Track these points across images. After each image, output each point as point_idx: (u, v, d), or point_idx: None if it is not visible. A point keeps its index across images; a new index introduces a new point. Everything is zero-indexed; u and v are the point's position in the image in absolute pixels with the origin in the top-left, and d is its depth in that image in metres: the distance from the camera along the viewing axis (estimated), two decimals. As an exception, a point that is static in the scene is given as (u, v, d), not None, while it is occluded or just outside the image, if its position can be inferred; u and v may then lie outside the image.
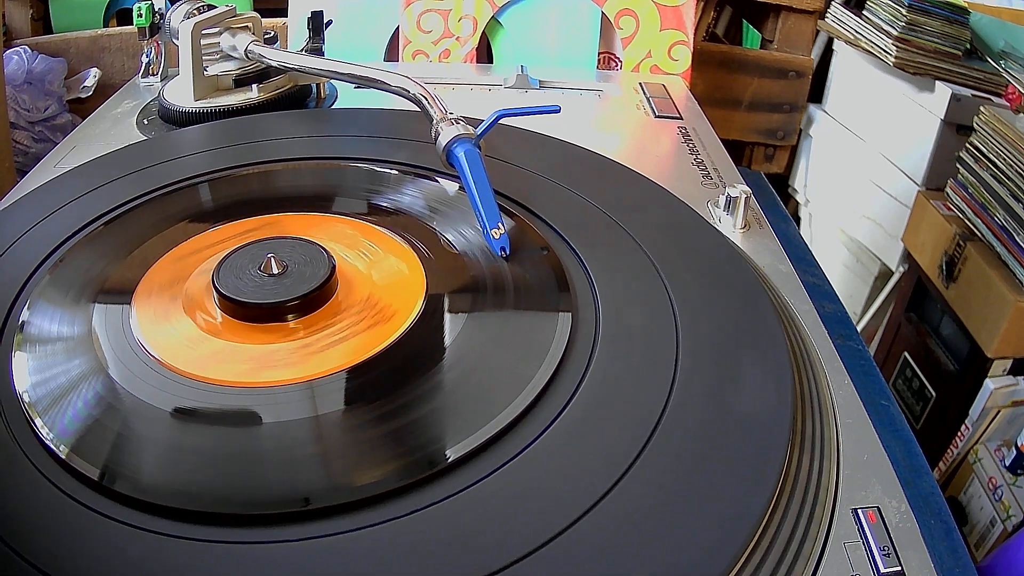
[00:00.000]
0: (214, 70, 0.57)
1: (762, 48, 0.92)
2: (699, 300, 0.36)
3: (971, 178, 0.84)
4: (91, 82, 0.86)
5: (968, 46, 0.97)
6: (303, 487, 0.27)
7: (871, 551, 0.27)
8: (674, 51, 0.71)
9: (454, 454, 0.28)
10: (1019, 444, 0.75)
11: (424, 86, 0.47)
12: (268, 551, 0.25)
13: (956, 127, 0.95)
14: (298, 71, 0.56)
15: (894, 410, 0.50)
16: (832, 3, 1.08)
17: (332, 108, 0.60)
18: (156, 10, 0.60)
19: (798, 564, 0.26)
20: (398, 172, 0.46)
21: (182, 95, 0.56)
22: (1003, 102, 0.85)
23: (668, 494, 0.27)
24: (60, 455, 0.28)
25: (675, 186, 0.46)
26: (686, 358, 0.33)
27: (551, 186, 0.45)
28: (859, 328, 0.97)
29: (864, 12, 1.03)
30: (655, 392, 0.31)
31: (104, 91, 0.83)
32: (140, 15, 0.60)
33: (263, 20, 0.59)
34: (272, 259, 0.36)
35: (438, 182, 0.45)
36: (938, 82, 0.96)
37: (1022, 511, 0.73)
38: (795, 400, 0.31)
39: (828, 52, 1.19)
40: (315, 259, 0.36)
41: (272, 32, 0.60)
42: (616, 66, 0.73)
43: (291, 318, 0.35)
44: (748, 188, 0.46)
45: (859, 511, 0.28)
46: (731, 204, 0.45)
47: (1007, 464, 0.76)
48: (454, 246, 0.40)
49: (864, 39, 1.03)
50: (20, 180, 0.49)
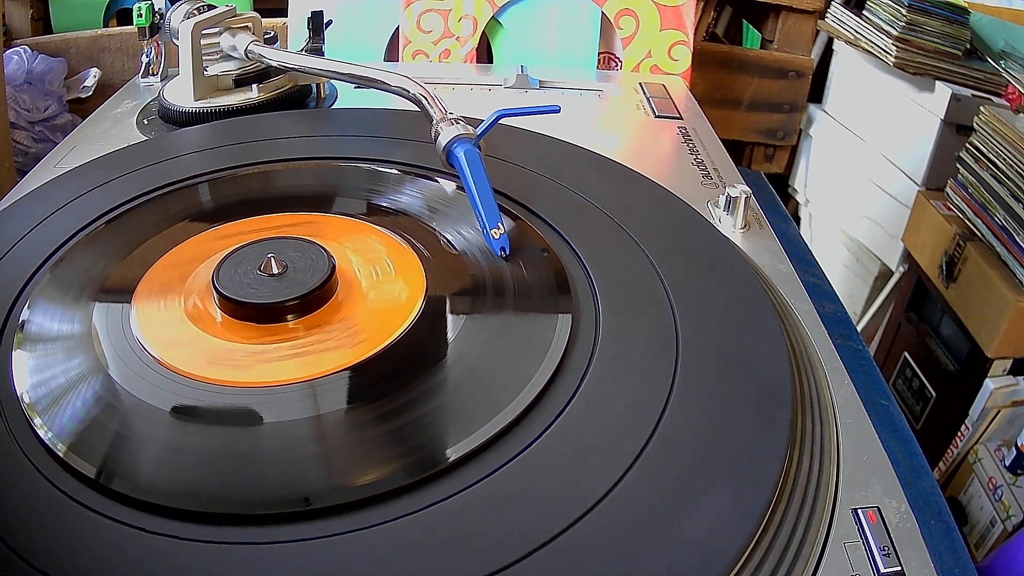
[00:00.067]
0: (214, 70, 0.57)
1: (762, 48, 0.92)
2: (699, 300, 0.36)
3: (971, 178, 0.84)
4: (91, 82, 0.86)
5: (968, 46, 0.97)
6: (302, 487, 0.27)
7: (871, 551, 0.27)
8: (674, 51, 0.71)
9: (454, 454, 0.28)
10: (1019, 444, 0.75)
11: (424, 86, 0.47)
12: (268, 551, 0.25)
13: (956, 127, 0.95)
14: (298, 71, 0.56)
15: (894, 410, 0.50)
16: (832, 3, 1.08)
17: (332, 108, 0.60)
18: (156, 10, 0.60)
19: (798, 564, 0.26)
20: (398, 172, 0.46)
21: (182, 95, 0.56)
22: (1003, 102, 0.85)
23: (668, 494, 0.27)
24: (59, 454, 0.28)
25: (675, 186, 0.46)
26: (686, 358, 0.33)
27: (551, 186, 0.45)
28: (859, 328, 0.97)
29: (864, 12, 1.03)
30: (655, 392, 0.31)
31: (104, 91, 0.83)
32: (140, 15, 0.60)
33: (263, 20, 0.59)
34: (272, 259, 0.36)
35: (438, 182, 0.45)
36: (938, 82, 0.96)
37: (1022, 511, 0.73)
38: (795, 400, 0.31)
39: (828, 52, 1.19)
40: (315, 259, 0.36)
41: (272, 32, 0.60)
42: (616, 66, 0.73)
43: (291, 318, 0.35)
44: (748, 188, 0.46)
45: (859, 511, 0.28)
46: (731, 204, 0.45)
47: (1007, 464, 0.76)
48: (454, 246, 0.40)
49: (864, 39, 1.03)
50: (20, 180, 0.49)
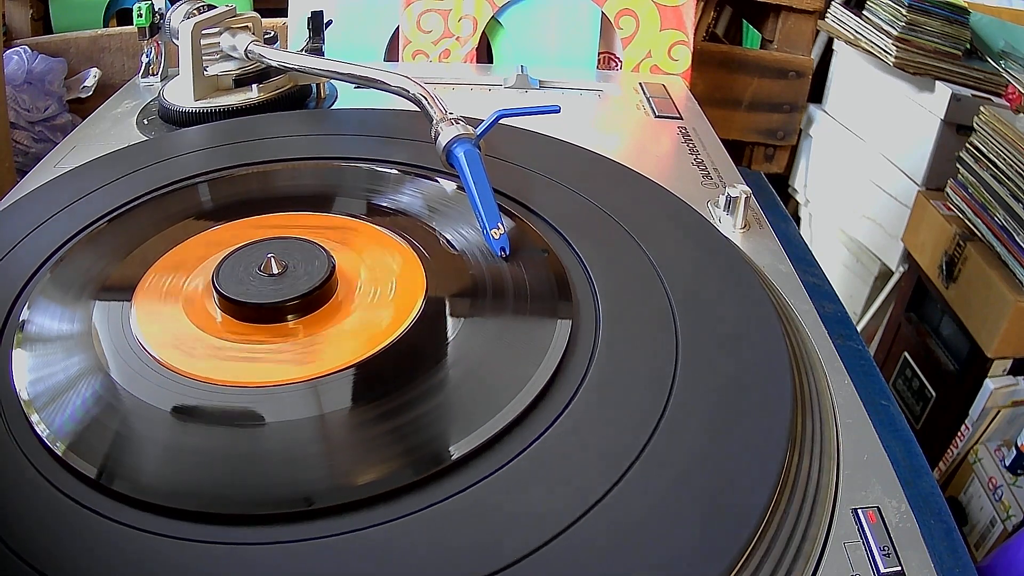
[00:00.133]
0: (214, 70, 0.57)
1: (762, 48, 0.92)
2: (699, 300, 0.36)
3: (971, 178, 0.84)
4: (91, 82, 0.86)
5: (968, 46, 0.97)
6: (302, 487, 0.27)
7: (871, 551, 0.27)
8: (674, 51, 0.71)
9: (454, 454, 0.28)
10: (1019, 444, 0.75)
11: (424, 86, 0.47)
12: (268, 551, 0.25)
13: (956, 127, 0.95)
14: (298, 71, 0.56)
15: (894, 410, 0.50)
16: (832, 3, 1.08)
17: (332, 108, 0.60)
18: (156, 10, 0.60)
19: (798, 564, 0.26)
20: (398, 172, 0.46)
21: (182, 95, 0.56)
22: (1003, 102, 0.85)
23: (668, 494, 0.27)
24: (58, 454, 0.28)
25: (675, 186, 0.46)
26: (685, 358, 0.33)
27: (551, 186, 0.45)
28: (859, 328, 0.97)
29: (864, 12, 1.03)
30: (655, 392, 0.31)
31: (104, 91, 0.83)
32: (140, 15, 0.60)
33: (263, 20, 0.59)
34: (272, 259, 0.36)
35: (438, 182, 0.45)
36: (938, 82, 0.96)
37: (1022, 511, 0.73)
38: (795, 400, 0.31)
39: (828, 52, 1.19)
40: (315, 259, 0.36)
41: (272, 32, 0.60)
42: (616, 66, 0.73)
43: (291, 318, 0.35)
44: (748, 188, 0.46)
45: (859, 511, 0.28)
46: (731, 204, 0.45)
47: (1007, 464, 0.76)
48: (454, 246, 0.40)
49: (864, 39, 1.03)
50: (20, 180, 0.49)
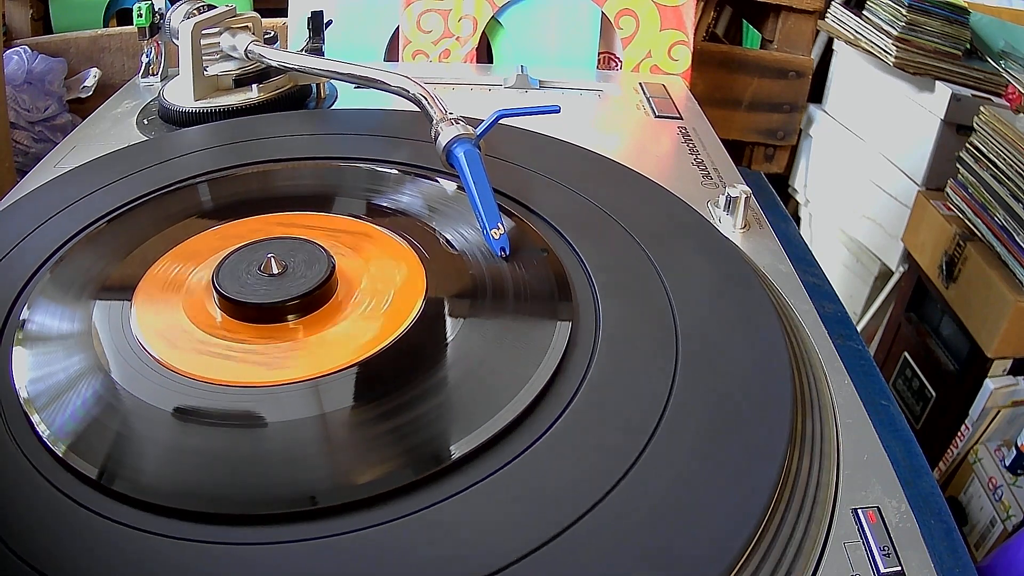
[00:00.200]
0: (214, 70, 0.57)
1: (762, 48, 0.92)
2: (699, 299, 0.36)
3: (971, 178, 0.84)
4: (91, 82, 0.86)
5: (968, 46, 0.97)
6: (302, 487, 0.27)
7: (871, 551, 0.27)
8: (674, 51, 0.71)
9: (454, 454, 0.28)
10: (1019, 444, 0.75)
11: (424, 86, 0.47)
12: (268, 551, 0.25)
13: (956, 127, 0.95)
14: (298, 71, 0.56)
15: (894, 410, 0.50)
16: (832, 3, 1.08)
17: (332, 108, 0.60)
18: (156, 10, 0.60)
19: (798, 564, 0.26)
20: (398, 172, 0.46)
21: (182, 95, 0.56)
22: (1003, 102, 0.85)
23: (668, 494, 0.27)
24: (58, 454, 0.28)
25: (675, 186, 0.46)
26: (686, 358, 0.33)
27: (551, 186, 0.45)
28: (859, 328, 0.97)
29: (864, 12, 1.03)
30: (655, 392, 0.31)
31: (104, 91, 0.83)
32: (140, 15, 0.60)
33: (263, 20, 0.59)
34: (272, 259, 0.36)
35: (438, 182, 0.45)
36: (938, 82, 0.96)
37: (1022, 511, 0.73)
38: (795, 400, 0.31)
39: (828, 52, 1.19)
40: (315, 259, 0.36)
41: (272, 32, 0.60)
42: (616, 66, 0.73)
43: (291, 318, 0.35)
44: (748, 188, 0.46)
45: (859, 511, 0.28)
46: (731, 204, 0.45)
47: (1007, 464, 0.76)
48: (454, 246, 0.40)
49: (864, 39, 1.03)
50: (20, 180, 0.49)
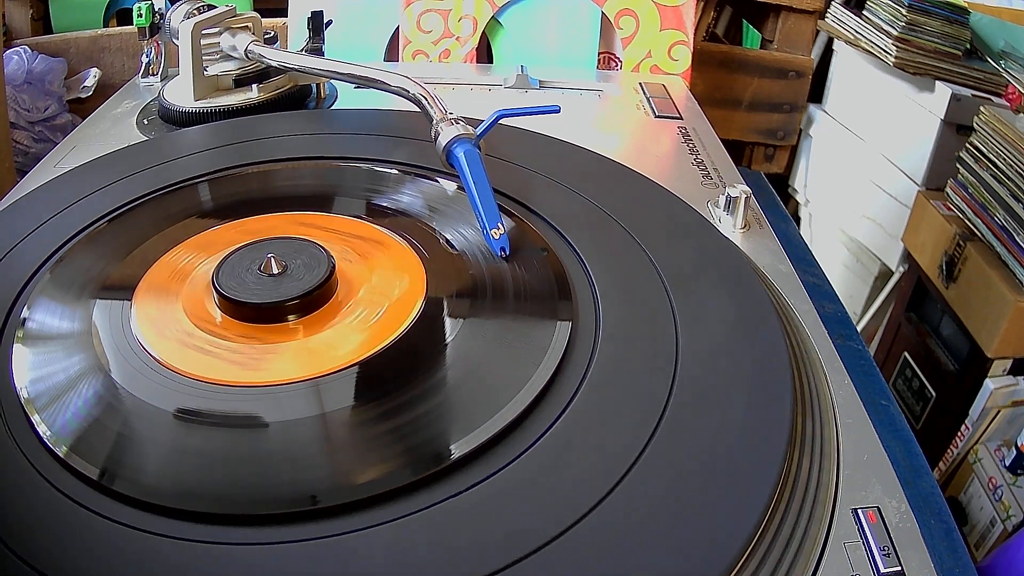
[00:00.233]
0: (214, 70, 0.57)
1: (762, 48, 0.92)
2: (699, 299, 0.36)
3: (971, 178, 0.84)
4: (91, 82, 0.86)
5: (968, 46, 0.97)
6: (302, 487, 0.27)
7: (871, 551, 0.27)
8: (674, 51, 0.71)
9: (454, 454, 0.28)
10: (1019, 444, 0.75)
11: (424, 86, 0.47)
12: (268, 552, 0.25)
13: (956, 127, 0.95)
14: (298, 71, 0.56)
15: (894, 410, 0.50)
16: (832, 3, 1.08)
17: (332, 108, 0.60)
18: (156, 10, 0.60)
19: (798, 564, 0.26)
20: (398, 172, 0.46)
21: (182, 95, 0.56)
22: (1003, 102, 0.85)
23: (668, 494, 0.27)
24: (58, 454, 0.28)
25: (675, 186, 0.46)
26: (686, 358, 0.33)
27: (551, 186, 0.45)
28: (859, 328, 0.97)
29: (864, 12, 1.03)
30: (655, 392, 0.31)
31: (104, 91, 0.83)
32: (140, 15, 0.60)
33: (263, 20, 0.59)
34: (272, 259, 0.36)
35: (438, 182, 0.45)
36: (938, 82, 0.96)
37: (1022, 511, 0.73)
38: (795, 400, 0.31)
39: (828, 52, 1.19)
40: (315, 259, 0.36)
41: (272, 32, 0.60)
42: (616, 66, 0.73)
43: (291, 318, 0.35)
44: (748, 188, 0.46)
45: (859, 511, 0.28)
46: (731, 204, 0.45)
47: (1007, 464, 0.76)
48: (454, 246, 0.40)
49: (864, 39, 1.03)
50: (20, 180, 0.49)
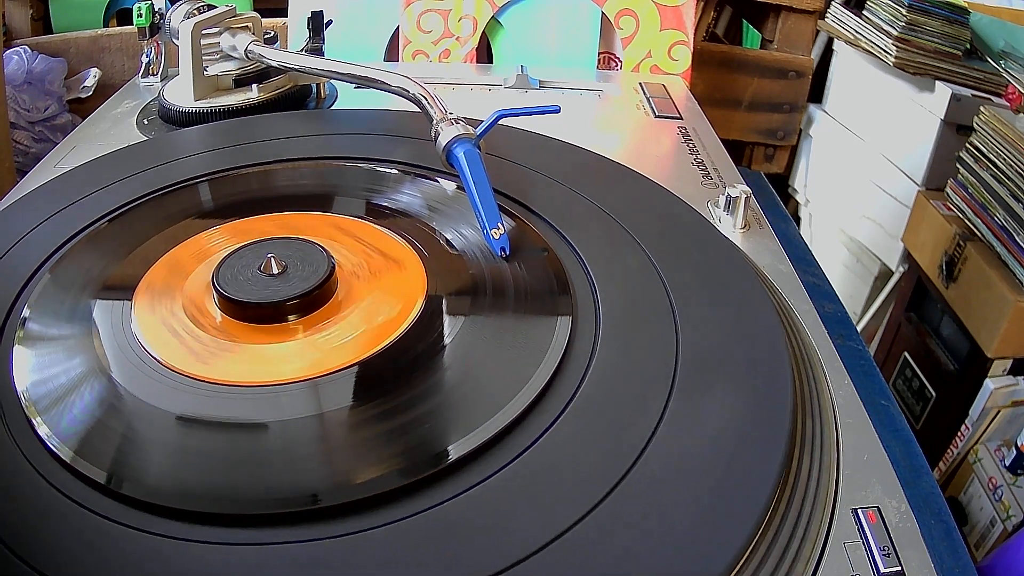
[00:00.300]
0: (214, 70, 0.57)
1: (762, 48, 0.92)
2: (699, 300, 0.36)
3: (971, 178, 0.84)
4: (91, 82, 0.86)
5: (968, 46, 0.97)
6: (302, 487, 0.27)
7: (871, 551, 0.27)
8: (674, 51, 0.71)
9: (455, 454, 0.28)
10: (1019, 444, 0.75)
11: (424, 86, 0.47)
12: (268, 553, 0.25)
13: (956, 127, 0.95)
14: (298, 71, 0.56)
15: (894, 410, 0.50)
16: (832, 3, 1.08)
17: (332, 108, 0.60)
18: (156, 10, 0.60)
19: (798, 564, 0.26)
20: (398, 172, 0.46)
21: (182, 95, 0.56)
22: (1003, 102, 0.85)
23: (668, 494, 0.27)
24: (59, 455, 0.28)
25: (675, 186, 0.46)
26: (685, 358, 0.33)
27: (551, 186, 0.45)
28: (859, 328, 0.97)
29: (864, 12, 1.03)
30: (655, 392, 0.31)
31: (104, 91, 0.83)
32: (140, 15, 0.60)
33: (263, 20, 0.59)
34: (272, 259, 0.36)
35: (438, 182, 0.45)
36: (938, 82, 0.96)
37: (1022, 511, 0.73)
38: (795, 400, 0.31)
39: (828, 52, 1.19)
40: (315, 259, 0.36)
41: (272, 32, 0.60)
42: (616, 66, 0.73)
43: (291, 318, 0.35)
44: (748, 188, 0.46)
45: (859, 511, 0.28)
46: (731, 204, 0.45)
47: (1007, 464, 0.76)
48: (454, 246, 0.40)
49: (864, 39, 1.03)
50: (20, 180, 0.49)
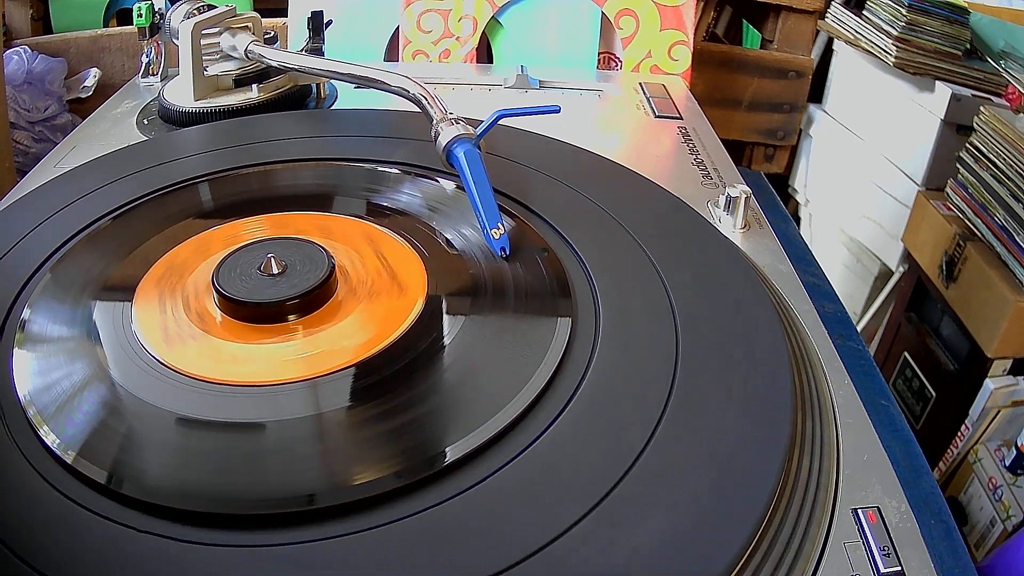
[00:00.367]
0: (214, 70, 0.57)
1: (762, 48, 0.92)
2: (699, 300, 0.36)
3: (971, 178, 0.84)
4: (91, 82, 0.86)
5: (968, 46, 0.97)
6: (303, 487, 0.27)
7: (871, 551, 0.27)
8: (674, 51, 0.71)
9: (453, 455, 0.28)
10: (1019, 444, 0.75)
11: (424, 86, 0.47)
12: (268, 553, 0.25)
13: (956, 127, 0.95)
14: (298, 71, 0.56)
15: (894, 410, 0.50)
16: (832, 3, 1.08)
17: (332, 108, 0.60)
18: (156, 10, 0.60)
19: (798, 564, 0.26)
20: (398, 172, 0.46)
21: (182, 95, 0.56)
22: (1003, 102, 0.85)
23: (668, 494, 0.27)
24: (60, 455, 0.28)
25: (675, 186, 0.46)
26: (685, 358, 0.33)
27: (551, 186, 0.45)
28: (859, 328, 0.97)
29: (864, 12, 1.03)
30: (655, 392, 0.31)
31: (104, 91, 0.83)
32: (140, 15, 0.60)
33: (263, 20, 0.59)
34: (272, 259, 0.36)
35: (438, 182, 0.45)
36: (938, 82, 0.96)
37: (1022, 511, 0.73)
38: (795, 400, 0.31)
39: (828, 52, 1.19)
40: (315, 259, 0.36)
41: (272, 32, 0.60)
42: (616, 66, 0.73)
43: (291, 318, 0.35)
44: (748, 188, 0.46)
45: (859, 511, 0.28)
46: (731, 204, 0.45)
47: (1007, 464, 0.76)
48: (454, 246, 0.40)
49: (864, 39, 1.03)
50: (20, 180, 0.49)
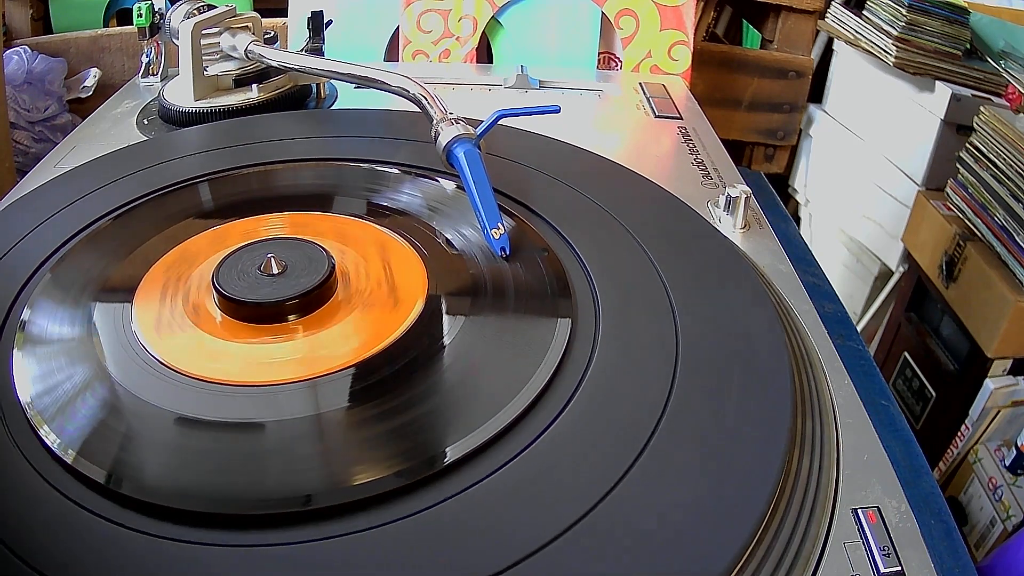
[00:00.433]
0: (214, 70, 0.57)
1: (762, 48, 0.92)
2: (699, 300, 0.36)
3: (971, 178, 0.84)
4: (91, 82, 0.86)
5: (968, 46, 0.97)
6: (302, 488, 0.27)
7: (871, 551, 0.27)
8: (674, 51, 0.71)
9: (453, 455, 0.28)
10: (1019, 444, 0.75)
11: (424, 86, 0.47)
12: (268, 553, 0.25)
13: (956, 127, 0.95)
14: (298, 71, 0.56)
15: (894, 410, 0.50)
16: (832, 3, 1.08)
17: (332, 108, 0.60)
18: (156, 10, 0.60)
19: (798, 564, 0.26)
20: (398, 172, 0.46)
21: (182, 95, 0.56)
22: (1003, 102, 0.85)
23: (668, 494, 0.27)
24: (60, 456, 0.28)
25: (675, 186, 0.46)
26: (686, 358, 0.33)
27: (551, 186, 0.45)
28: (859, 328, 0.97)
29: (864, 12, 1.03)
30: (655, 392, 0.31)
31: (104, 91, 0.83)
32: (140, 15, 0.60)
33: (263, 20, 0.59)
34: (272, 259, 0.36)
35: (438, 182, 0.45)
36: (938, 82, 0.96)
37: (1022, 511, 0.73)
38: (795, 400, 0.31)
39: (828, 52, 1.19)
40: (315, 259, 0.36)
41: (272, 32, 0.60)
42: (616, 66, 0.73)
43: (291, 317, 0.35)
44: (748, 188, 0.46)
45: (859, 511, 0.28)
46: (731, 204, 0.45)
47: (1007, 464, 0.76)
48: (454, 246, 0.40)
49: (864, 39, 1.03)
50: (20, 180, 0.49)
